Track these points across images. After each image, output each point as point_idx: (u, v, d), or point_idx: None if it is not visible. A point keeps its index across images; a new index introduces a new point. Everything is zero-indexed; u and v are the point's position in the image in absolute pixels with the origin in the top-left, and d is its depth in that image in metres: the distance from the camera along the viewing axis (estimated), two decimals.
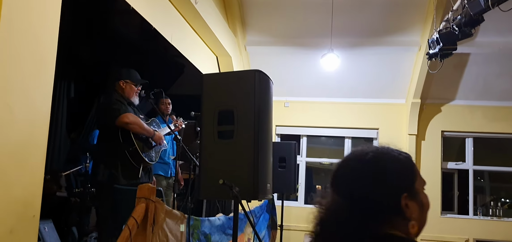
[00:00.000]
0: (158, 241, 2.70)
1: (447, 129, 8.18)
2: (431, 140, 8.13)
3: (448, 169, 8.29)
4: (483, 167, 8.47)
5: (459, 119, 8.11)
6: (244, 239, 4.91)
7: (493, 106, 7.98)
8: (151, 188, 2.54)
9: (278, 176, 6.40)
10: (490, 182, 9.62)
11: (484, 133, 8.11)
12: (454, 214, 8.27)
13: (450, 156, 8.43)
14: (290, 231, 8.06)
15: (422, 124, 8.10)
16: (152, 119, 4.25)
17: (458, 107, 8.11)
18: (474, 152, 8.22)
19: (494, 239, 7.20)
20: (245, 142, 2.66)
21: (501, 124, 7.97)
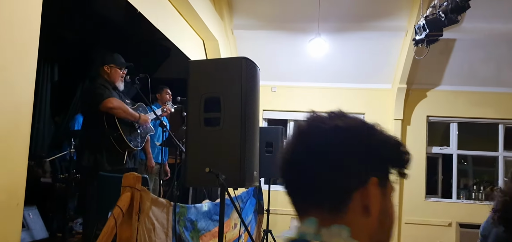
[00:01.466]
0: (145, 229, 2.68)
1: (432, 114, 8.26)
2: (416, 125, 8.21)
3: (432, 153, 8.40)
4: (466, 151, 8.58)
5: (444, 105, 8.19)
6: (231, 224, 4.92)
7: (477, 91, 8.07)
8: (136, 177, 2.51)
9: (265, 161, 6.39)
10: (473, 166, 9.78)
11: (468, 118, 8.21)
12: (438, 197, 8.40)
13: (435, 141, 8.52)
14: (276, 215, 8.11)
15: (407, 109, 8.17)
16: (138, 104, 4.20)
17: (443, 93, 8.18)
18: (458, 137, 8.33)
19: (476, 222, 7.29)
20: (232, 129, 2.64)
21: (485, 109, 8.07)
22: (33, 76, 2.85)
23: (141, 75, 4.11)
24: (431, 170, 8.44)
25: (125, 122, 3.86)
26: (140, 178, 2.52)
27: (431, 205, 8.12)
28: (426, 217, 8.01)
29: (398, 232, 7.99)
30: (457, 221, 7.80)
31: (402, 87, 7.84)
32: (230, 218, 4.86)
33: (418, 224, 7.93)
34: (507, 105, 8.01)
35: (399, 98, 7.96)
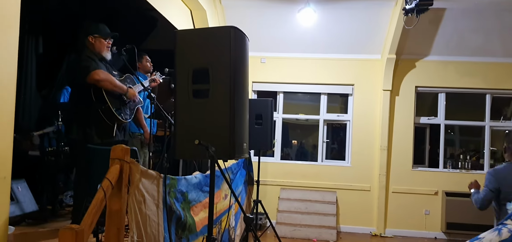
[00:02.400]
0: (135, 201, 2.67)
1: (421, 84, 8.30)
2: (405, 96, 8.25)
3: (420, 123, 8.48)
4: (454, 121, 8.68)
5: (433, 75, 8.23)
6: (221, 195, 4.95)
7: (466, 61, 8.11)
8: (125, 149, 2.49)
9: (255, 133, 6.42)
10: (460, 136, 9.91)
11: (456, 88, 8.27)
12: (425, 167, 8.52)
13: (423, 111, 8.59)
14: (266, 186, 8.19)
15: (396, 80, 8.19)
16: (126, 75, 4.14)
17: (432, 63, 8.21)
18: (446, 107, 8.40)
19: (462, 190, 7.44)
20: (221, 101, 2.61)
21: (473, 79, 8.13)
22: (15, 48, 2.79)
23: (128, 46, 4.04)
24: (419, 140, 8.54)
25: (113, 94, 3.81)
26: (128, 150, 2.50)
27: (418, 174, 8.24)
28: (413, 186, 8.15)
29: (386, 201, 8.13)
30: (443, 190, 7.95)
31: (391, 57, 7.84)
32: (220, 189, 4.89)
33: (405, 193, 8.06)
34: (494, 75, 8.08)
35: (388, 69, 7.98)
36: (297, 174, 8.46)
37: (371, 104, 8.33)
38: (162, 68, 4.64)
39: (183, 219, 3.50)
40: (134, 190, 2.64)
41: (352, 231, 8.13)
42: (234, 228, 5.92)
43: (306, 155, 10.18)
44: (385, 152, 8.13)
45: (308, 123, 9.94)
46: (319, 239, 7.49)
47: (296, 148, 10.61)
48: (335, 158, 9.06)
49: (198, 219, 3.96)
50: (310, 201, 8.14)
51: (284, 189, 8.34)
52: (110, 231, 2.48)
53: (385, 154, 8.13)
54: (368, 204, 8.25)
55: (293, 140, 10.55)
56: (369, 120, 8.33)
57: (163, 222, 3.11)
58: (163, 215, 3.11)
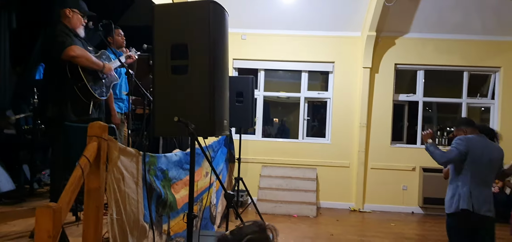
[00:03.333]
0: (113, 179, 2.64)
1: (400, 62, 8.37)
2: (385, 73, 8.32)
3: (399, 100, 8.58)
4: (432, 98, 8.81)
5: (412, 52, 8.30)
6: (202, 173, 4.94)
7: (445, 39, 8.20)
8: (103, 126, 2.44)
9: (236, 110, 6.40)
10: (438, 113, 10.09)
11: (435, 65, 8.37)
12: (403, 143, 8.66)
13: (402, 88, 8.69)
14: (247, 163, 8.21)
15: (376, 57, 8.24)
16: (101, 51, 4.04)
17: (411, 41, 8.27)
18: (424, 84, 8.51)
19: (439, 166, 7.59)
20: (200, 77, 2.58)
21: (451, 57, 8.24)
22: None
23: (105, 21, 3.94)
24: (397, 117, 8.65)
25: (89, 70, 3.72)
26: (106, 127, 2.45)
27: (396, 150, 8.38)
28: (391, 162, 8.28)
29: (364, 177, 8.25)
30: (421, 166, 8.10)
31: (371, 34, 7.87)
32: (201, 166, 4.88)
33: (384, 169, 8.19)
34: (472, 53, 8.20)
35: (368, 46, 8.01)
36: (278, 151, 8.51)
37: (351, 81, 8.38)
38: (140, 45, 4.55)
39: (163, 197, 3.48)
40: (113, 168, 2.61)
41: (331, 207, 8.25)
42: (216, 205, 5.94)
43: (287, 133, 10.23)
44: (364, 129, 8.23)
45: (289, 100, 9.96)
46: (300, 214, 7.59)
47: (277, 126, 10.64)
48: (315, 135, 9.13)
49: (179, 197, 3.95)
50: (291, 178, 8.21)
51: (265, 166, 8.38)
52: (89, 209, 2.45)
53: (364, 131, 8.23)
54: (347, 180, 8.37)
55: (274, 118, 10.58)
56: (349, 97, 8.39)
57: (143, 199, 3.09)
58: (143, 193, 3.09)
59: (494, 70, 8.37)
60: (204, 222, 5.21)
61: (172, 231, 3.81)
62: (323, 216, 7.64)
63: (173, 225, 3.83)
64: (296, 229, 6.64)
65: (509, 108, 8.22)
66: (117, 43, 5.07)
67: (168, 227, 3.72)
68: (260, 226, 1.58)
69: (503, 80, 8.24)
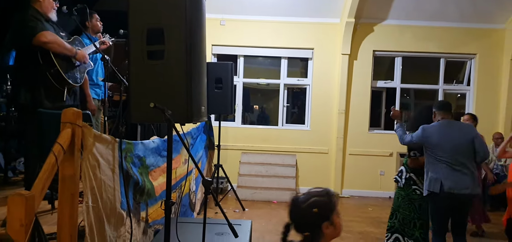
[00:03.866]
0: (89, 166, 2.60)
1: (378, 49, 8.44)
2: (363, 60, 8.38)
3: (377, 87, 8.67)
4: (409, 85, 8.92)
5: (390, 39, 8.38)
6: (181, 160, 4.92)
7: (422, 26, 8.29)
8: (77, 112, 2.40)
9: (215, 97, 6.37)
10: (415, 99, 10.23)
11: (412, 52, 8.47)
12: (381, 130, 8.77)
13: (380, 75, 8.78)
14: (227, 150, 8.21)
15: (355, 44, 8.29)
16: (74, 37, 3.95)
17: (390, 27, 8.34)
18: (402, 71, 8.61)
19: None
20: (177, 62, 2.55)
21: (429, 44, 8.35)
22: None
23: (79, 5, 3.85)
24: (375, 103, 8.75)
25: (62, 56, 3.64)
26: (80, 113, 2.41)
27: (374, 136, 8.49)
28: (369, 148, 8.39)
29: (343, 163, 8.35)
30: (398, 151, 8.23)
31: (350, 21, 7.90)
32: (180, 153, 4.85)
33: (362, 155, 8.29)
34: (449, 40, 8.33)
35: (347, 33, 8.04)
36: (258, 138, 8.52)
37: (330, 68, 8.42)
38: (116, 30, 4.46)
39: (141, 184, 3.45)
40: (88, 155, 2.57)
41: None
42: (195, 193, 5.93)
43: (267, 120, 10.24)
44: (343, 115, 8.29)
45: (269, 87, 9.95)
46: (279, 200, 7.63)
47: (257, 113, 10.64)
48: (295, 122, 9.17)
49: (157, 184, 3.93)
50: (270, 164, 8.24)
51: (245, 153, 8.39)
52: (64, 196, 2.41)
53: (343, 117, 8.29)
54: (326, 166, 8.44)
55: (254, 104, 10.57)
56: (328, 84, 8.44)
57: (119, 187, 3.05)
58: (119, 180, 3.05)
59: (470, 57, 8.52)
60: (184, 209, 5.20)
61: (150, 218, 3.79)
62: None
63: (151, 212, 3.81)
64: (276, 215, 6.69)
65: (484, 94, 8.39)
66: (95, 28, 4.97)
67: (146, 214, 3.70)
68: (327, 191, 2.08)
69: (479, 67, 8.40)
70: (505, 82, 8.23)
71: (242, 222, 3.81)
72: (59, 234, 2.41)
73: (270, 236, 5.53)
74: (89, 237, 2.55)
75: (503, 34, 8.29)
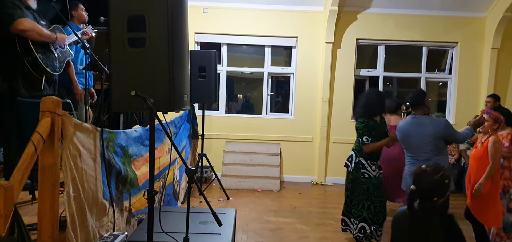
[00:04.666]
0: (69, 155, 2.57)
1: (362, 37, 8.47)
2: (346, 48, 8.41)
3: (360, 76, 8.71)
4: (392, 73, 8.99)
5: (373, 28, 8.41)
6: (164, 149, 4.89)
7: (405, 14, 8.34)
8: (56, 101, 2.36)
9: (198, 85, 6.33)
10: (398, 87, 10.32)
11: (395, 40, 8.52)
12: None
13: (363, 63, 8.83)
14: (211, 139, 8.18)
15: (338, 32, 8.30)
16: (54, 26, 3.87)
17: (373, 16, 8.37)
18: (385, 59, 8.66)
19: None
20: (159, 50, 2.52)
21: (411, 32, 8.41)
22: None
23: None
24: (359, 92, 8.78)
25: (40, 44, 3.56)
26: (60, 102, 2.37)
27: None
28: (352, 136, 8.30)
29: (326, 151, 8.40)
30: None
31: (333, 9, 7.90)
32: (163, 143, 4.82)
33: (345, 143, 8.30)
34: (431, 28, 8.40)
35: (331, 21, 8.05)
36: (242, 127, 8.51)
37: (314, 57, 8.43)
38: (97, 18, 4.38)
39: (123, 174, 3.42)
40: (68, 144, 2.53)
41: (294, 181, 8.37)
42: (179, 182, 5.91)
43: (251, 109, 10.23)
44: (327, 104, 8.33)
45: (253, 76, 9.94)
46: (263, 189, 7.66)
47: (241, 102, 10.62)
48: (279, 111, 9.18)
49: (140, 174, 3.90)
50: (255, 153, 8.25)
51: (229, 142, 8.38)
52: (44, 186, 2.38)
53: (326, 106, 8.33)
54: (310, 155, 8.49)
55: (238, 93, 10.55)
56: (312, 73, 8.45)
57: (101, 176, 3.02)
58: (101, 170, 3.02)
59: (451, 46, 8.61)
60: (167, 198, 5.18)
61: (133, 208, 3.77)
62: (286, 190, 7.74)
63: (134, 202, 3.78)
64: (260, 203, 6.71)
65: (465, 82, 8.51)
66: (80, 18, 4.89)
67: (129, 204, 3.68)
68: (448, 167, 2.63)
69: (460, 55, 8.50)
70: (486, 70, 8.36)
71: (227, 211, 3.81)
72: (39, 224, 2.37)
73: (255, 224, 5.56)
74: (71, 228, 2.52)
75: (484, 23, 8.40)
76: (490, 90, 8.33)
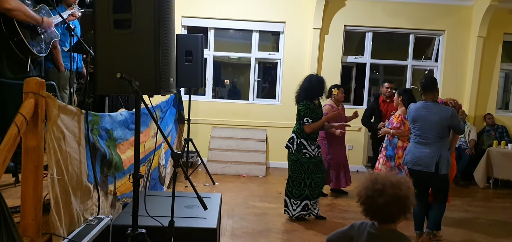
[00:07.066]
0: (53, 137, 2.53)
1: (350, 23, 8.48)
2: (334, 34, 8.42)
3: (347, 62, 8.74)
4: (379, 60, 9.04)
5: (361, 14, 8.42)
6: (150, 134, 4.86)
7: (392, 1, 8.37)
8: (40, 82, 2.32)
9: (185, 70, 6.28)
10: (384, 75, 10.39)
11: (382, 27, 8.54)
12: (350, 104, 8.88)
13: (350, 50, 8.85)
14: (198, 124, 8.16)
15: (326, 18, 8.30)
16: (40, 6, 3.79)
17: (361, 2, 8.38)
18: (372, 46, 8.70)
19: None
20: (144, 32, 2.49)
21: (399, 19, 8.44)
22: None
23: None
24: (345, 78, 8.83)
25: (26, 25, 3.49)
26: (44, 83, 2.33)
27: None
28: None
29: None
30: None
31: None
32: (149, 127, 4.79)
33: None
34: (418, 16, 8.44)
35: (319, 7, 8.03)
36: (229, 112, 8.49)
37: (301, 42, 8.42)
38: None
39: (108, 157, 3.40)
40: (52, 126, 2.50)
41: (281, 167, 8.40)
42: (165, 166, 5.89)
43: (238, 94, 10.21)
44: None
45: (240, 61, 9.90)
46: (249, 174, 7.68)
47: (228, 87, 10.59)
48: (266, 97, 9.18)
49: (125, 157, 3.88)
50: (241, 139, 8.25)
51: (215, 128, 8.36)
52: (27, 169, 2.35)
53: None
54: None
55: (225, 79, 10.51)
56: (299, 58, 8.45)
57: (86, 159, 3.00)
58: (86, 153, 2.99)
59: (438, 34, 8.68)
60: (153, 182, 5.16)
61: (118, 192, 3.75)
62: (272, 176, 7.77)
63: (119, 185, 3.76)
64: (246, 188, 6.74)
65: (451, 70, 8.60)
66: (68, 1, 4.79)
67: (114, 188, 3.66)
68: None
69: (446, 43, 8.58)
70: (472, 59, 8.45)
71: (212, 195, 3.81)
72: (22, 207, 2.35)
73: (240, 209, 5.58)
74: (55, 211, 2.50)
75: (471, 11, 8.47)
76: (475, 78, 8.44)
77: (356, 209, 5.53)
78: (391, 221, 2.01)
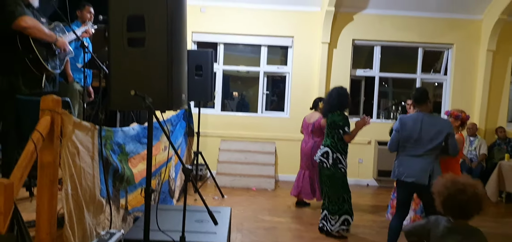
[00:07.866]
0: (68, 153, 2.59)
1: (358, 37, 8.51)
2: (343, 48, 8.45)
3: (356, 76, 8.76)
4: (388, 74, 9.05)
5: (369, 28, 8.46)
6: (160, 147, 4.91)
7: (401, 15, 8.39)
8: (56, 100, 2.38)
9: (195, 84, 6.36)
10: (393, 88, 10.40)
11: (391, 41, 8.57)
12: (360, 118, 8.86)
13: (359, 64, 8.87)
14: (207, 137, 8.21)
15: (334, 32, 8.34)
16: (55, 23, 3.89)
17: (369, 16, 8.42)
18: (380, 60, 8.71)
19: None
20: (158, 49, 2.55)
21: (407, 33, 8.46)
22: None
23: None
24: (354, 92, 8.85)
25: (41, 42, 3.58)
26: (60, 100, 2.39)
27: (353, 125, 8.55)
28: None
29: None
30: (376, 139, 8.36)
31: (330, 10, 7.94)
32: (159, 140, 4.84)
33: None
34: (427, 29, 8.45)
35: (327, 21, 8.09)
36: (238, 125, 8.54)
37: (310, 56, 8.47)
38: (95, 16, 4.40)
39: (120, 171, 3.45)
40: (67, 142, 2.56)
41: (290, 180, 8.39)
42: (175, 179, 5.93)
43: (246, 107, 10.27)
44: None
45: (248, 75, 9.97)
46: (258, 188, 7.70)
47: (236, 100, 10.66)
48: (274, 110, 9.22)
49: (137, 171, 3.93)
50: (250, 152, 8.28)
51: (224, 140, 8.41)
52: (43, 184, 2.40)
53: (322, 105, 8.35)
54: None
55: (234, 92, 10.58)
56: (307, 72, 8.49)
57: (99, 174, 3.05)
58: (99, 167, 3.05)
59: (447, 47, 8.68)
60: (163, 196, 5.20)
61: (130, 206, 3.80)
62: (281, 189, 7.78)
63: (131, 199, 3.81)
64: (255, 201, 6.75)
65: (460, 83, 8.58)
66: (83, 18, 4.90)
67: (126, 202, 3.70)
68: None
69: (455, 57, 8.57)
70: (481, 72, 8.43)
71: (222, 209, 3.84)
72: (38, 221, 2.40)
73: (249, 223, 5.59)
74: (68, 225, 2.55)
75: (480, 25, 8.47)
76: (485, 92, 8.41)
77: (366, 223, 5.52)
78: (466, 217, 2.35)
